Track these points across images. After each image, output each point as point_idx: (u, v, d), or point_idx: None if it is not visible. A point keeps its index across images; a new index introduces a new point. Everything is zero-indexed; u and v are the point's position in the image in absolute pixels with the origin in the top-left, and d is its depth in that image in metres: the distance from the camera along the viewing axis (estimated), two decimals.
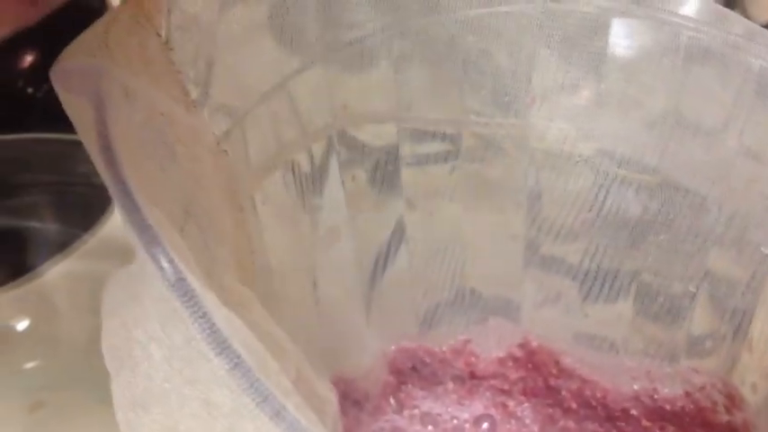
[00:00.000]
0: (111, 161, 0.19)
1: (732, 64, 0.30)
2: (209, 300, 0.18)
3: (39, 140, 0.44)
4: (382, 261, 0.36)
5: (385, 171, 0.35)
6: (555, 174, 0.34)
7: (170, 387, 0.18)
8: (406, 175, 0.35)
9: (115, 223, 0.43)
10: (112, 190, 0.19)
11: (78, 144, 0.45)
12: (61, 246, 0.42)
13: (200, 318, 0.17)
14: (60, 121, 0.45)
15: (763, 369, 0.32)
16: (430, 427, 0.36)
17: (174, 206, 0.23)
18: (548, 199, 0.34)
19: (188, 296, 0.17)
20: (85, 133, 0.20)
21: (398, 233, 0.36)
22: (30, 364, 0.41)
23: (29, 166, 0.44)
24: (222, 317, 0.18)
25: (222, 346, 0.17)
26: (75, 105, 0.21)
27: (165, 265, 0.17)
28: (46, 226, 0.45)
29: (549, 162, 0.33)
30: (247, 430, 0.18)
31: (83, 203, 0.44)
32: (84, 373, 0.40)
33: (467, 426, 0.36)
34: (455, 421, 0.36)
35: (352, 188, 0.34)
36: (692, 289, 0.34)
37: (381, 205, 0.36)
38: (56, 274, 0.41)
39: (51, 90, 0.48)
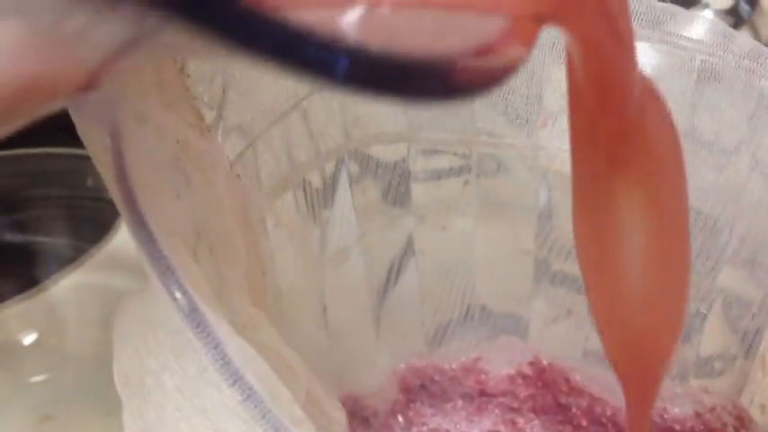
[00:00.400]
0: (127, 192, 0.19)
1: (745, 87, 0.30)
2: (223, 330, 0.18)
3: (48, 155, 0.44)
4: (392, 278, 0.36)
5: (396, 186, 0.35)
6: (565, 195, 0.33)
7: (180, 416, 0.18)
8: (417, 190, 0.35)
9: (123, 237, 0.43)
10: (127, 220, 0.19)
11: (87, 159, 0.45)
12: (70, 260, 0.42)
13: (213, 348, 0.17)
14: (69, 137, 0.45)
15: None
16: None
17: (188, 230, 0.23)
18: (559, 218, 0.34)
19: (201, 327, 0.17)
20: (100, 161, 0.20)
21: (408, 250, 0.36)
22: (38, 378, 0.41)
23: (38, 181, 0.45)
24: (235, 347, 0.18)
25: (235, 377, 0.17)
26: (90, 133, 0.21)
27: (179, 296, 0.17)
28: (55, 240, 0.45)
29: (560, 184, 0.33)
30: None
31: (91, 218, 0.44)
32: (92, 387, 0.40)
33: None
34: None
35: (362, 204, 0.34)
36: (702, 310, 0.34)
37: (392, 222, 0.35)
38: (64, 287, 0.41)
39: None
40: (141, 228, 0.18)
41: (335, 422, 0.30)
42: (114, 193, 0.19)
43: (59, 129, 0.47)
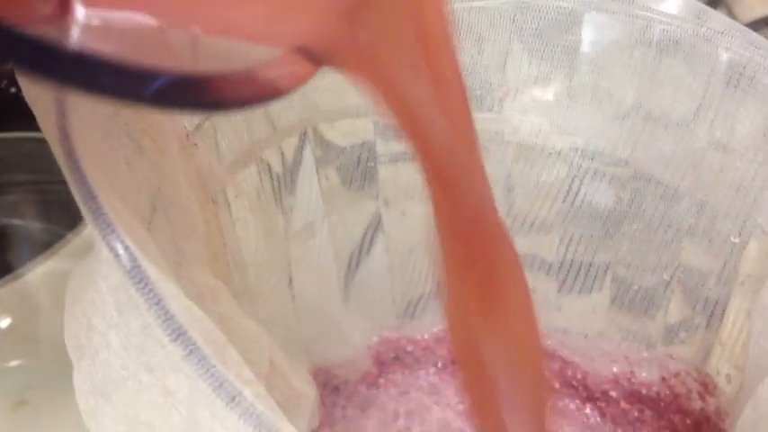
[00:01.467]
0: (69, 151, 0.19)
1: (702, 55, 0.30)
2: (166, 288, 0.18)
3: (22, 140, 0.44)
4: (358, 255, 0.36)
5: (363, 169, 0.35)
6: (528, 166, 0.34)
7: (127, 374, 0.18)
8: (383, 172, 0.35)
9: None
10: (69, 178, 0.19)
11: None
12: (44, 245, 0.42)
13: (156, 304, 0.17)
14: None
15: (735, 360, 0.32)
16: (408, 403, 0.36)
17: (140, 199, 0.23)
18: (520, 191, 0.35)
19: (143, 283, 0.17)
20: (46, 125, 0.20)
21: (375, 228, 0.36)
22: (12, 363, 0.41)
23: (11, 166, 0.44)
24: (180, 305, 0.18)
25: (178, 332, 0.17)
26: (36, 96, 0.21)
27: (121, 251, 0.18)
28: (29, 225, 0.45)
29: (523, 155, 0.33)
30: (204, 417, 0.18)
31: (65, 203, 0.44)
32: (67, 372, 0.40)
33: (444, 402, 0.36)
34: (434, 397, 0.37)
35: (327, 187, 0.35)
36: (665, 277, 0.34)
37: (357, 202, 0.36)
38: (39, 273, 0.41)
39: None
40: (82, 185, 0.18)
41: (303, 396, 0.30)
42: (57, 154, 0.19)
43: (32, 113, 0.47)
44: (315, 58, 0.19)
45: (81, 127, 0.20)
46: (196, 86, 0.16)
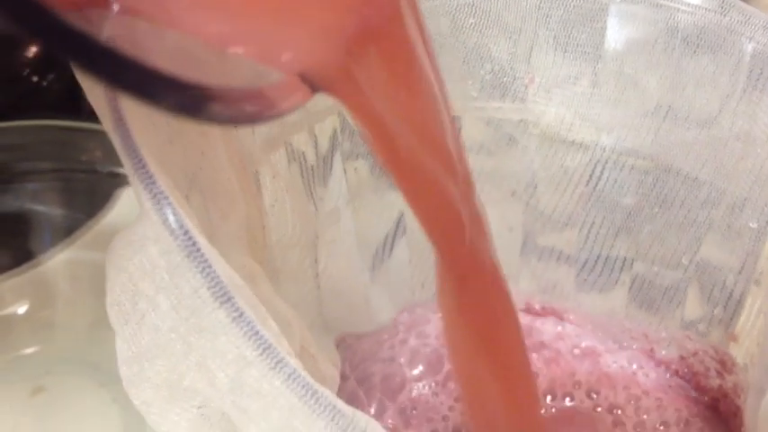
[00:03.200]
0: (117, 116, 0.19)
1: (727, 46, 0.31)
2: (212, 254, 0.18)
3: (44, 127, 0.44)
4: (386, 246, 0.36)
5: None
6: (551, 155, 0.34)
7: (176, 336, 0.18)
8: None
9: (119, 210, 0.43)
10: (120, 146, 0.19)
11: (82, 132, 0.45)
12: (65, 232, 0.43)
13: (205, 268, 0.18)
14: (64, 110, 0.45)
15: (750, 357, 0.32)
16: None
17: (179, 177, 0.23)
18: (543, 182, 0.35)
19: (193, 247, 0.18)
20: (93, 94, 0.20)
21: (400, 223, 0.37)
22: (31, 349, 0.41)
23: (34, 153, 0.45)
24: (225, 272, 0.18)
25: (226, 296, 0.18)
26: None
27: (171, 217, 0.18)
28: (50, 212, 0.45)
29: (546, 145, 0.34)
30: (251, 379, 0.18)
31: (87, 191, 0.44)
32: (85, 358, 0.40)
33: None
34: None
35: (355, 179, 0.35)
36: (684, 262, 0.34)
37: (383, 196, 0.36)
38: (59, 260, 0.41)
39: (56, 80, 0.49)
40: (132, 152, 0.18)
41: (328, 379, 0.31)
42: (105, 121, 0.20)
43: (53, 102, 0.48)
44: (312, 84, 0.20)
45: (127, 104, 0.20)
46: (202, 97, 0.17)
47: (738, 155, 0.31)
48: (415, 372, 0.36)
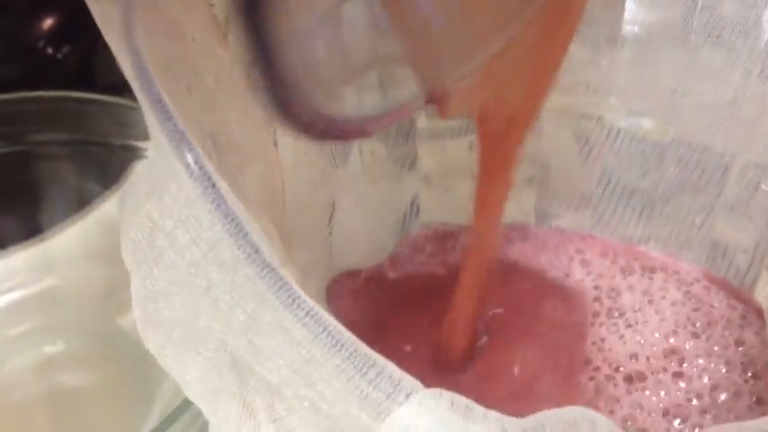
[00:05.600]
0: (134, 50, 0.19)
1: (750, 15, 0.30)
2: (229, 194, 0.18)
3: (58, 99, 0.44)
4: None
5: (404, 144, 0.35)
6: (566, 133, 0.34)
7: (195, 271, 0.18)
8: (423, 149, 0.36)
9: None
10: (134, 79, 0.19)
11: (96, 104, 0.45)
12: (78, 204, 0.43)
13: (222, 204, 0.18)
14: (79, 82, 0.45)
15: None
16: None
17: (196, 127, 0.23)
18: (557, 165, 0.35)
19: (209, 182, 0.18)
20: (111, 33, 0.20)
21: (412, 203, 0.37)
22: (41, 322, 0.41)
23: (47, 125, 0.45)
24: (243, 213, 0.18)
25: (242, 233, 0.18)
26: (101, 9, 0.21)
27: (187, 153, 0.18)
28: (63, 184, 0.45)
29: (562, 122, 0.34)
30: (266, 319, 0.18)
31: (100, 163, 0.45)
32: (95, 331, 0.40)
33: None
34: None
35: (370, 161, 0.35)
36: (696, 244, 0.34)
37: (398, 178, 0.36)
38: (68, 235, 0.41)
39: (71, 53, 0.49)
40: (150, 88, 0.18)
41: None
42: (122, 60, 0.19)
43: (69, 74, 0.48)
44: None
45: (144, 43, 0.20)
46: None
47: (752, 118, 0.31)
48: None
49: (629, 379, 0.31)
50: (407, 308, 0.34)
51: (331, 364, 0.17)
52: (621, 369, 0.31)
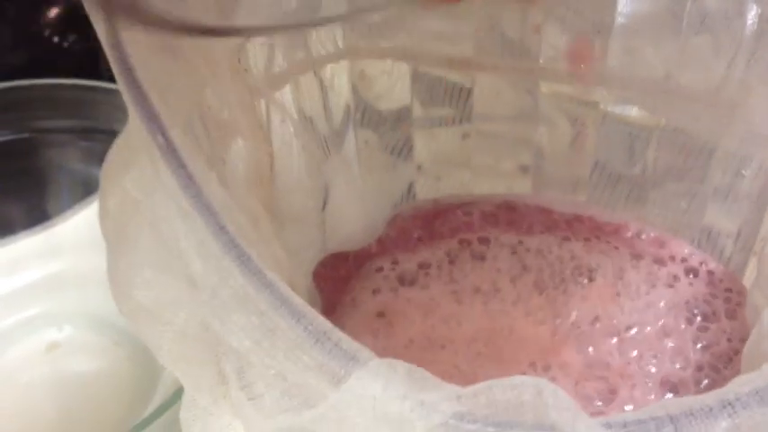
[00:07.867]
0: (113, 38, 0.19)
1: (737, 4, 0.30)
2: (201, 173, 0.18)
3: (64, 86, 0.45)
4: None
5: (398, 133, 0.36)
6: (559, 116, 0.34)
7: (165, 244, 0.18)
8: (418, 137, 0.36)
9: None
10: (114, 66, 0.19)
11: (102, 92, 0.46)
12: (83, 191, 0.43)
13: (179, 168, 0.18)
14: (84, 70, 0.46)
15: None
16: None
17: (181, 101, 0.23)
18: (551, 152, 0.35)
19: (170, 148, 0.18)
20: (96, 19, 0.21)
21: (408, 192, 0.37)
22: (47, 307, 0.42)
23: (53, 111, 0.45)
24: (203, 176, 0.18)
25: (209, 211, 0.18)
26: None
27: (159, 135, 0.18)
28: (69, 171, 0.46)
29: (557, 105, 0.34)
30: (230, 292, 0.18)
31: (106, 150, 0.45)
32: (100, 316, 0.41)
33: None
34: None
35: (365, 150, 0.35)
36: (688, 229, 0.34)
37: (393, 167, 0.36)
38: (73, 221, 0.41)
39: (76, 41, 0.49)
40: (128, 74, 0.18)
41: None
42: (104, 41, 0.20)
43: (74, 62, 0.48)
44: None
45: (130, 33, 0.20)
46: None
47: (735, 102, 0.30)
48: None
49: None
50: None
51: (291, 335, 0.17)
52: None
